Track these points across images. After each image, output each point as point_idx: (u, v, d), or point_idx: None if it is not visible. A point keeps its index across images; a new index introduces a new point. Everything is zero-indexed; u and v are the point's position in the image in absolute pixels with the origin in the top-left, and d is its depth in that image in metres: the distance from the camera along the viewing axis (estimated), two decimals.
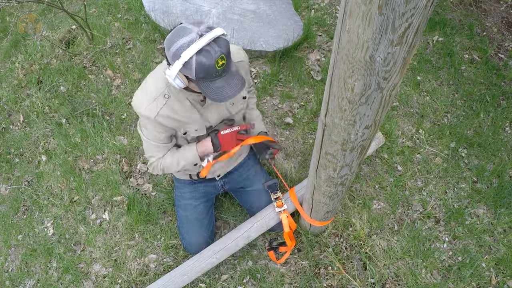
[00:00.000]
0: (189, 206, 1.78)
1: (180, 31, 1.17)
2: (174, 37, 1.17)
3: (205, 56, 1.14)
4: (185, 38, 1.15)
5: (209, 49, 1.14)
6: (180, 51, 1.15)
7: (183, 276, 1.69)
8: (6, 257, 2.07)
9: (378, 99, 0.82)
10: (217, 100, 1.24)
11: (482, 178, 2.21)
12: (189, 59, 1.14)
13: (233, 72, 1.25)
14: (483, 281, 1.87)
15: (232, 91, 1.24)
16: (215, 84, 1.21)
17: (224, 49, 1.16)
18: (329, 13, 3.04)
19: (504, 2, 3.24)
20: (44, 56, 2.81)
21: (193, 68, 1.15)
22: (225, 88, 1.23)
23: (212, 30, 1.16)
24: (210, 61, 1.14)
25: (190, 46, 1.13)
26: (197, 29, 1.15)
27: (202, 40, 1.13)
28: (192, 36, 1.14)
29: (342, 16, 0.70)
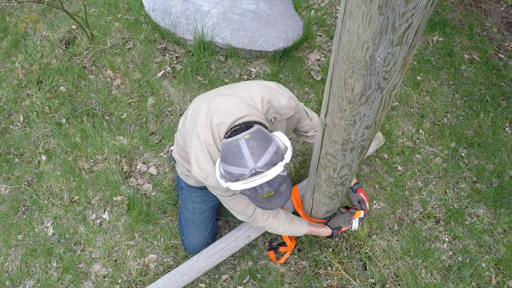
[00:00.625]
0: (197, 210, 1.78)
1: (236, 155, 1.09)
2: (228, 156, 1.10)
3: (251, 192, 1.11)
4: (237, 169, 1.09)
5: (258, 189, 1.10)
6: (228, 177, 1.11)
7: (183, 276, 1.69)
8: (6, 257, 2.07)
9: (378, 99, 0.82)
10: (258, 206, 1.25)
11: (482, 178, 2.21)
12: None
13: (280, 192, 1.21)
14: (483, 281, 1.87)
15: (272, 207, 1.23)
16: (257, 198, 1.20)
17: (275, 187, 1.12)
18: (329, 13, 3.04)
19: (504, 2, 3.24)
20: (44, 56, 2.81)
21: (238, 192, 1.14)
22: (265, 203, 1.22)
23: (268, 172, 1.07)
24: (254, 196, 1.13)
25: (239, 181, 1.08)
26: (252, 166, 1.07)
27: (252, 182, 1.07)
28: (244, 171, 1.08)
29: (342, 16, 0.70)
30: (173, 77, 2.58)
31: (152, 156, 2.27)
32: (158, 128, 2.37)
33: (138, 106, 2.46)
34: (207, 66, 2.58)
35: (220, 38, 2.57)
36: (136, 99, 2.49)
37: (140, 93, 2.51)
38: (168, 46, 2.72)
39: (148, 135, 2.34)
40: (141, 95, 2.50)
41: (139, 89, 2.53)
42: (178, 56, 2.67)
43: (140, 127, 2.38)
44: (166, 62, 2.64)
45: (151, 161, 2.25)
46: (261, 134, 1.12)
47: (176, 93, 2.50)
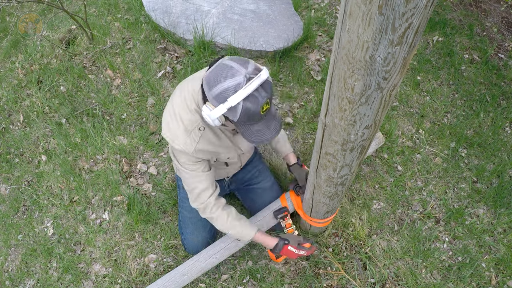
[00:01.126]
0: (194, 208, 1.78)
1: (226, 70, 1.09)
2: (218, 76, 1.09)
3: (252, 102, 1.09)
4: (231, 81, 1.08)
5: (256, 95, 1.09)
6: (226, 94, 1.08)
7: (183, 276, 1.69)
8: (6, 257, 2.07)
9: (378, 99, 0.82)
10: (255, 142, 1.21)
11: (482, 178, 2.21)
12: (235, 104, 1.08)
13: (273, 114, 1.22)
14: (483, 281, 1.87)
15: (271, 134, 1.21)
16: (255, 127, 1.18)
17: (269, 93, 1.12)
18: (329, 13, 3.04)
19: (504, 2, 3.24)
20: (44, 56, 2.81)
21: (238, 113, 1.10)
22: (264, 131, 1.20)
23: (260, 74, 1.10)
24: (256, 107, 1.10)
25: (238, 91, 1.07)
26: (245, 71, 1.09)
27: (250, 85, 1.07)
28: (239, 79, 1.07)
29: (342, 16, 0.70)
30: (173, 77, 2.58)
31: (152, 156, 2.27)
32: (158, 128, 2.37)
33: (138, 106, 2.46)
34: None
35: (220, 38, 2.57)
36: (136, 99, 2.49)
37: (140, 93, 2.51)
38: (168, 46, 2.72)
39: (148, 135, 2.34)
40: (141, 95, 2.50)
41: (139, 89, 2.53)
42: (178, 56, 2.67)
43: (140, 127, 2.38)
44: (166, 62, 2.64)
45: (151, 161, 2.25)
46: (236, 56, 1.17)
47: None
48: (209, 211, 1.47)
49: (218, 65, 1.13)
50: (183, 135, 1.29)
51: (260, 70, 1.12)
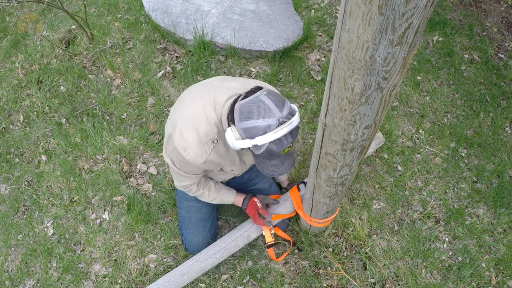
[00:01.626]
0: (192, 207, 1.78)
1: (261, 109, 1.10)
2: (252, 111, 1.11)
3: (277, 145, 1.12)
4: (264, 121, 1.09)
5: (283, 139, 1.12)
6: (254, 133, 1.10)
7: (183, 276, 1.69)
8: (6, 257, 2.07)
9: (378, 99, 0.82)
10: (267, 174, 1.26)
11: (482, 178, 2.21)
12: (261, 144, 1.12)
13: (291, 153, 1.25)
14: (483, 281, 1.87)
15: (284, 170, 1.25)
16: (271, 162, 1.22)
17: (295, 138, 1.15)
18: (329, 13, 3.04)
19: (504, 2, 3.24)
20: (44, 56, 2.81)
21: (260, 151, 1.14)
22: (278, 167, 1.23)
23: (292, 120, 1.11)
24: (279, 149, 1.13)
25: (267, 134, 1.09)
26: (279, 115, 1.09)
27: (281, 131, 1.09)
28: (271, 121, 1.09)
29: (342, 16, 0.70)
30: (173, 77, 2.58)
31: (152, 156, 2.27)
32: (158, 128, 2.37)
33: (138, 106, 2.46)
34: (207, 66, 2.58)
35: (220, 38, 2.57)
36: (136, 99, 2.49)
37: (140, 93, 2.51)
38: (168, 46, 2.72)
39: (148, 135, 2.34)
40: (141, 95, 2.50)
41: (139, 89, 2.53)
42: (178, 56, 2.67)
43: (140, 127, 2.38)
44: (166, 62, 2.64)
45: (151, 161, 2.25)
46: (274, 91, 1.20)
47: (176, 93, 2.50)
48: (192, 193, 1.58)
49: (255, 99, 1.13)
50: (196, 146, 1.29)
51: (293, 115, 1.14)
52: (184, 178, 1.47)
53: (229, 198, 1.69)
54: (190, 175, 1.44)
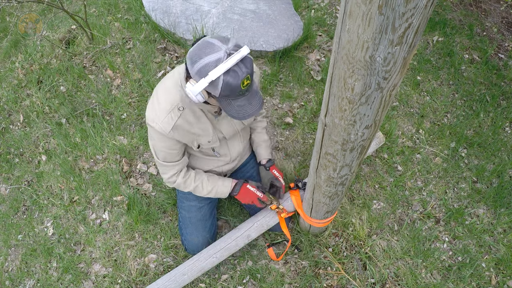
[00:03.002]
0: (193, 207, 1.78)
1: (207, 47, 1.13)
2: (200, 52, 1.14)
3: (232, 76, 1.12)
4: (212, 56, 1.12)
5: (237, 70, 1.12)
6: (207, 69, 1.12)
7: (183, 276, 1.69)
8: (6, 257, 2.07)
9: (378, 99, 0.82)
10: (238, 118, 1.25)
11: (482, 178, 2.21)
12: (216, 78, 1.12)
13: (255, 91, 1.25)
14: (483, 281, 1.87)
15: (253, 109, 1.25)
16: (237, 103, 1.22)
17: (250, 69, 1.16)
18: (329, 13, 3.04)
19: (504, 2, 3.24)
20: (44, 56, 2.81)
21: (219, 87, 1.15)
22: (246, 106, 1.23)
23: (240, 50, 1.13)
24: (236, 81, 1.13)
25: (219, 66, 1.11)
26: (225, 47, 1.12)
27: (230, 60, 1.11)
28: (220, 54, 1.11)
29: (342, 16, 0.70)
30: None
31: (152, 156, 2.27)
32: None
33: (138, 106, 2.46)
34: None
35: None
36: (136, 99, 2.49)
37: (140, 93, 2.51)
38: (168, 46, 2.72)
39: (146, 132, 2.34)
40: (141, 95, 2.50)
41: (139, 89, 2.53)
42: (178, 56, 2.67)
43: (140, 127, 2.38)
44: (166, 62, 2.64)
45: (151, 161, 2.25)
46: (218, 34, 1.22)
47: None
48: (183, 187, 1.58)
49: (200, 42, 1.17)
50: (162, 114, 1.33)
51: (241, 47, 1.16)
52: (163, 169, 1.50)
53: (226, 188, 1.65)
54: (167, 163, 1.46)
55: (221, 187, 1.64)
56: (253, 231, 1.75)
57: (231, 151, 1.66)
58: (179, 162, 1.49)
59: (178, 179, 1.54)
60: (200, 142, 1.49)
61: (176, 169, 1.51)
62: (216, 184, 1.63)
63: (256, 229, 1.75)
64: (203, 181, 1.60)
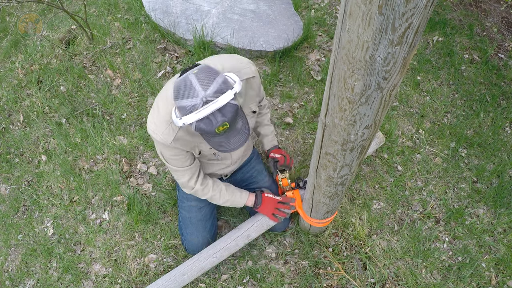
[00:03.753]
0: (193, 208, 1.78)
1: (186, 88, 1.11)
2: (179, 91, 1.12)
3: (205, 123, 1.11)
4: (189, 101, 1.10)
5: (211, 118, 1.10)
6: (183, 112, 1.12)
7: (183, 276, 1.69)
8: (6, 257, 2.07)
9: (378, 99, 0.82)
10: (218, 150, 1.25)
11: (482, 178, 2.21)
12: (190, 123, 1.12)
13: (237, 130, 1.22)
14: (483, 281, 1.87)
15: (231, 147, 1.23)
16: (215, 139, 1.21)
17: (228, 116, 1.12)
18: (329, 13, 3.04)
19: (504, 2, 3.24)
20: (44, 56, 2.81)
21: (193, 129, 1.15)
22: (224, 143, 1.22)
23: (218, 100, 1.09)
24: (210, 128, 1.12)
25: (192, 113, 1.09)
26: (203, 94, 1.09)
27: (204, 110, 1.08)
28: (195, 101, 1.09)
29: (342, 16, 0.70)
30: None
31: (152, 156, 2.27)
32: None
33: (138, 106, 2.46)
34: None
35: (220, 38, 2.57)
36: (136, 99, 2.49)
37: (140, 93, 2.51)
38: (168, 46, 2.72)
39: (148, 135, 2.34)
40: (141, 95, 2.50)
41: (139, 89, 2.53)
42: (178, 56, 2.67)
43: (140, 127, 2.38)
44: (166, 62, 2.64)
45: (151, 161, 2.25)
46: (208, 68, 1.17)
47: None
48: (200, 194, 1.58)
49: (184, 78, 1.14)
50: (163, 126, 1.32)
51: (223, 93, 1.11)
52: (178, 174, 1.49)
53: (242, 200, 1.68)
54: (179, 168, 1.46)
55: (238, 198, 1.67)
56: (253, 231, 1.75)
57: (232, 154, 1.66)
58: (190, 166, 1.48)
59: (196, 186, 1.54)
60: (202, 149, 1.48)
61: (190, 174, 1.50)
62: (234, 195, 1.65)
63: (256, 229, 1.75)
64: (221, 190, 1.62)
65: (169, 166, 1.47)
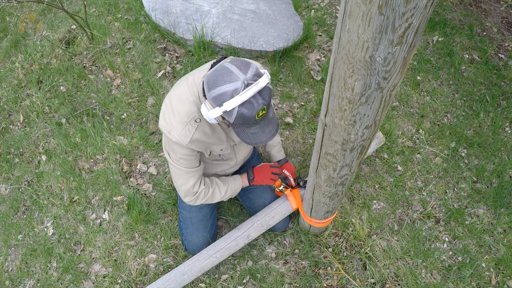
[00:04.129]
0: (194, 208, 1.78)
1: (225, 74, 1.10)
2: (217, 79, 1.11)
3: (247, 108, 1.10)
4: (229, 86, 1.09)
5: (253, 101, 1.10)
6: (223, 98, 1.10)
7: (183, 276, 1.69)
8: (6, 257, 2.07)
9: (378, 99, 0.82)
10: (250, 143, 1.24)
11: (482, 178, 2.21)
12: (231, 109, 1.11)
13: (270, 118, 1.22)
14: (483, 281, 1.87)
15: (266, 137, 1.23)
16: (250, 130, 1.20)
17: (266, 100, 1.13)
18: (329, 13, 3.04)
19: (504, 2, 3.24)
20: (44, 56, 2.81)
21: (233, 117, 1.13)
22: (259, 134, 1.21)
23: (259, 81, 1.10)
24: (251, 113, 1.11)
25: (234, 97, 1.08)
26: (244, 77, 1.09)
27: (247, 92, 1.07)
28: (237, 84, 1.08)
29: (342, 16, 0.70)
30: (173, 77, 2.58)
31: (152, 156, 2.27)
32: (158, 128, 2.37)
33: (138, 106, 2.46)
34: None
35: (220, 38, 2.57)
36: (136, 99, 2.49)
37: (140, 93, 2.51)
38: (168, 46, 2.72)
39: (148, 135, 2.34)
40: (141, 95, 2.50)
41: (139, 89, 2.53)
42: (178, 56, 2.67)
43: (140, 127, 2.38)
44: (166, 62, 2.64)
45: (151, 161, 2.25)
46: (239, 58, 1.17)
47: None
48: (202, 197, 1.55)
49: (220, 67, 1.14)
50: (179, 126, 1.30)
51: (260, 76, 1.12)
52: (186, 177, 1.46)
53: (238, 182, 1.67)
54: (189, 169, 1.43)
55: (233, 183, 1.65)
56: (253, 231, 1.75)
57: (237, 155, 1.66)
58: (198, 168, 1.48)
59: (200, 188, 1.52)
60: (212, 150, 1.48)
61: (197, 176, 1.49)
62: (228, 183, 1.63)
63: (256, 229, 1.75)
64: (218, 184, 1.60)
65: (179, 168, 1.42)
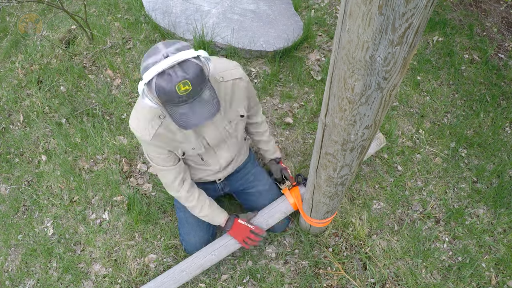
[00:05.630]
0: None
1: (151, 50, 1.12)
2: (146, 55, 1.13)
3: (165, 80, 1.07)
4: (152, 58, 1.09)
5: (171, 73, 1.07)
6: (144, 71, 1.10)
7: (181, 273, 1.69)
8: (6, 257, 2.07)
9: (378, 99, 0.82)
10: (181, 126, 1.19)
11: (482, 178, 2.21)
12: (150, 80, 1.09)
13: (204, 100, 1.17)
14: (483, 281, 1.87)
15: (197, 119, 1.17)
16: (179, 110, 1.16)
17: (190, 74, 1.09)
18: (329, 13, 3.04)
19: (504, 2, 3.24)
20: (44, 56, 2.81)
21: (153, 91, 1.10)
22: (188, 115, 1.16)
23: (179, 53, 1.08)
24: (170, 85, 1.07)
25: (152, 67, 1.08)
26: (165, 50, 1.09)
27: (163, 62, 1.06)
28: (157, 57, 1.08)
29: (342, 16, 0.70)
30: None
31: None
32: None
33: None
34: None
35: (220, 38, 2.57)
36: (136, 99, 2.49)
37: None
38: None
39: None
40: None
41: None
42: None
43: None
44: None
45: None
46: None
47: None
48: (183, 200, 1.58)
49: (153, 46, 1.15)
50: (143, 123, 1.32)
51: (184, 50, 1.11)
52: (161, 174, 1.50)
53: (220, 219, 1.67)
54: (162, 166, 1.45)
55: (216, 216, 1.66)
56: None
57: (219, 160, 1.62)
58: (173, 167, 1.47)
59: (181, 191, 1.54)
60: (185, 150, 1.46)
61: (174, 174, 1.49)
62: (213, 212, 1.65)
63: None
64: (204, 204, 1.61)
65: (153, 165, 1.47)
